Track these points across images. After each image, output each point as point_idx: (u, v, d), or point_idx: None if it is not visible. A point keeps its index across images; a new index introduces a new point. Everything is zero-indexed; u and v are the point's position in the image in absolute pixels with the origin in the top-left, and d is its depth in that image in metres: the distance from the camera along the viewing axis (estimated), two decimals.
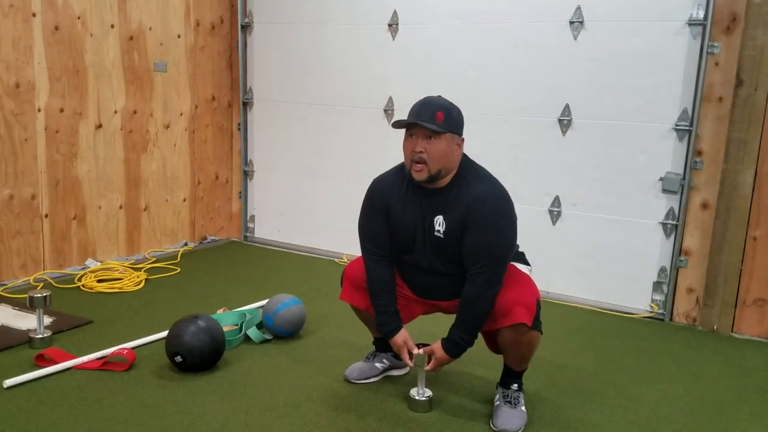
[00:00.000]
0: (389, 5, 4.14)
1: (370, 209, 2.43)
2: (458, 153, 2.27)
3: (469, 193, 2.24)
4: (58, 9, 3.63)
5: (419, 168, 2.21)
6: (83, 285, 3.65)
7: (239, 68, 4.72)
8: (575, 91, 3.68)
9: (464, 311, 2.28)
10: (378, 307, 2.43)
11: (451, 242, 2.27)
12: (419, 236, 2.33)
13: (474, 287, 2.23)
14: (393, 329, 2.42)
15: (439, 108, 2.20)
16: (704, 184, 3.45)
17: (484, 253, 2.21)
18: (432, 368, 2.37)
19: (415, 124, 2.19)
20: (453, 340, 2.30)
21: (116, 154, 4.08)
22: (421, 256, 2.36)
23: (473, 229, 2.22)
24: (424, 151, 2.19)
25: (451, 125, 2.21)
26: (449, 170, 2.26)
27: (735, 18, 3.27)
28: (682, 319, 3.59)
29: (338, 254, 4.52)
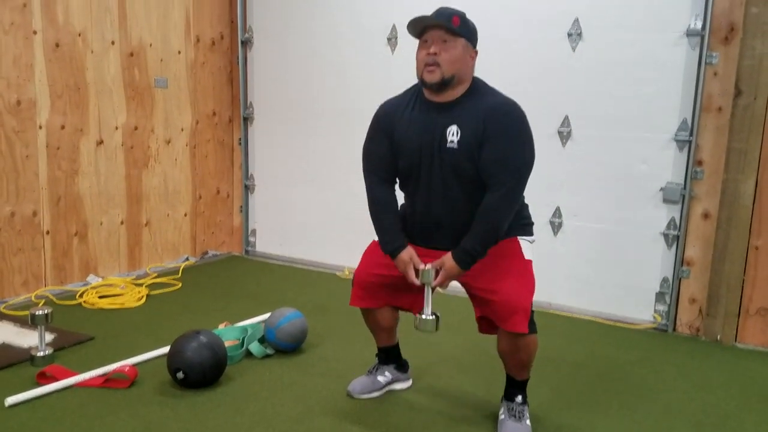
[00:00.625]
0: (388, 19, 4.16)
1: (374, 131, 2.38)
2: (471, 65, 2.24)
3: (484, 103, 2.19)
4: (58, 26, 3.65)
5: (432, 69, 2.16)
6: (85, 301, 3.65)
7: (240, 83, 4.75)
8: (574, 102, 3.69)
9: (481, 219, 2.18)
10: (381, 225, 2.35)
11: (465, 155, 2.18)
12: (427, 155, 2.24)
13: (494, 198, 2.16)
14: (398, 246, 2.31)
15: (455, 13, 2.18)
16: (705, 194, 3.45)
17: (508, 162, 2.15)
18: (440, 281, 2.23)
19: (431, 27, 2.16)
20: (465, 248, 2.19)
21: (117, 170, 4.09)
22: (425, 180, 2.27)
23: (494, 140, 2.14)
24: (438, 54, 2.15)
25: (466, 31, 2.19)
26: (462, 79, 2.21)
27: (733, 28, 3.28)
28: (685, 330, 3.58)
29: (340, 268, 4.52)
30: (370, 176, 2.39)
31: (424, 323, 2.28)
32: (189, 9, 4.41)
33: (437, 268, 2.23)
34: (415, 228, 2.39)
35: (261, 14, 4.62)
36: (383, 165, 2.35)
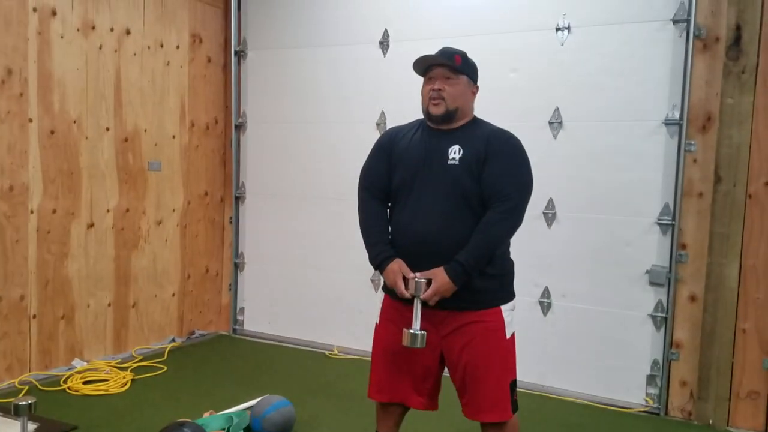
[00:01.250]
0: (377, 105, 4.28)
1: (375, 150, 2.46)
2: (472, 100, 2.36)
3: (485, 129, 2.31)
4: (54, 114, 3.73)
5: (437, 102, 2.26)
6: (69, 387, 3.59)
7: (232, 165, 4.83)
8: (558, 186, 3.77)
9: (480, 233, 2.19)
10: (370, 238, 2.35)
11: (466, 170, 2.22)
12: (424, 168, 2.27)
13: (496, 213, 2.19)
14: (387, 257, 2.28)
15: (457, 53, 2.30)
16: (690, 277, 3.49)
17: (512, 177, 2.22)
18: (430, 295, 2.17)
19: (435, 65, 2.27)
20: (459, 261, 2.17)
21: (107, 252, 4.10)
22: (418, 193, 2.27)
23: (498, 157, 2.22)
24: (442, 89, 2.25)
25: (468, 69, 2.32)
26: (464, 113, 2.31)
27: (710, 117, 3.40)
28: (677, 413, 3.54)
29: (329, 346, 4.48)
30: (364, 191, 2.44)
31: (412, 338, 2.21)
32: (184, 95, 4.53)
33: (428, 280, 2.19)
34: (402, 251, 2.32)
35: (254, 100, 4.76)
36: (379, 183, 2.40)
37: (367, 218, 2.41)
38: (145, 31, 4.22)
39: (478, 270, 2.20)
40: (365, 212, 2.42)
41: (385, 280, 2.30)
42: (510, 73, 3.85)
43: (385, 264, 2.28)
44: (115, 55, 4.05)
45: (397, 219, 2.36)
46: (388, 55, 4.23)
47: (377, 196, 2.40)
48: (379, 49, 4.25)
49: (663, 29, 3.48)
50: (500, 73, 3.85)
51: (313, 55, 4.49)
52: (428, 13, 4.09)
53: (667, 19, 3.47)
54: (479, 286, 2.23)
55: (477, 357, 2.25)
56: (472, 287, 2.22)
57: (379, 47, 4.25)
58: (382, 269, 2.29)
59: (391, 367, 2.38)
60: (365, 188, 2.44)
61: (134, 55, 4.16)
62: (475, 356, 2.25)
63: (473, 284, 2.22)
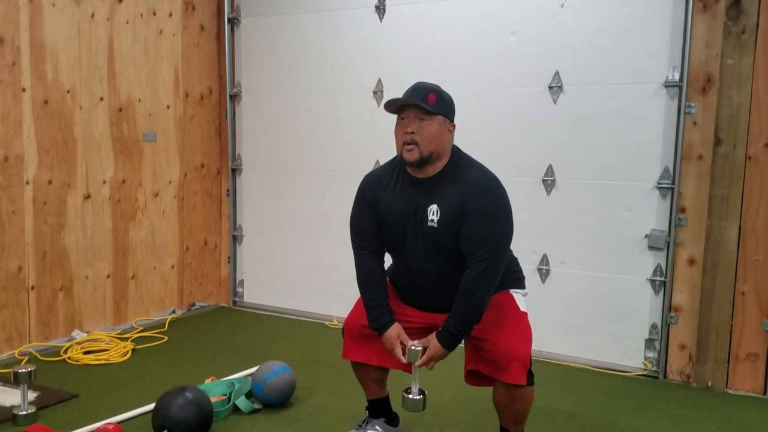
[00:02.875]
0: (374, 73, 4.23)
1: (359, 203, 2.42)
2: (449, 139, 2.28)
3: (463, 180, 2.23)
4: (47, 84, 3.69)
5: (410, 148, 2.20)
6: (69, 357, 3.59)
7: (228, 136, 4.79)
8: (557, 153, 3.75)
9: (462, 299, 2.21)
10: (369, 301, 2.37)
11: (445, 232, 2.23)
12: (410, 229, 2.29)
13: (474, 274, 2.18)
14: (385, 323, 2.33)
15: (431, 90, 2.22)
16: (690, 240, 3.49)
17: (485, 239, 2.18)
18: (424, 362, 2.26)
19: (408, 105, 2.20)
20: (448, 329, 2.22)
21: (104, 224, 4.08)
22: (411, 251, 2.31)
23: (472, 217, 2.19)
24: (416, 132, 2.19)
25: (442, 108, 2.23)
26: (441, 155, 2.25)
27: (710, 79, 3.37)
28: (676, 377, 3.56)
29: (329, 317, 4.49)
30: (357, 249, 2.42)
31: (411, 403, 2.33)
32: (178, 65, 4.48)
33: (424, 347, 2.26)
34: (404, 288, 2.43)
35: (249, 70, 4.70)
36: (370, 238, 2.39)
37: (364, 280, 2.41)
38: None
39: (469, 330, 2.24)
40: (361, 272, 2.42)
41: (384, 344, 2.36)
42: (509, 37, 3.80)
43: (383, 330, 2.33)
44: (108, 23, 3.99)
45: (395, 262, 2.45)
46: (384, 21, 4.17)
47: (372, 252, 2.41)
48: (375, 13, 4.19)
49: None
50: (499, 36, 3.81)
51: (308, 22, 4.43)
52: None
53: None
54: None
55: (493, 320, 2.26)
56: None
57: (375, 12, 4.19)
58: (380, 333, 2.35)
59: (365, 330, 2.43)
60: (358, 245, 2.43)
61: (127, 23, 4.10)
62: (490, 320, 2.26)
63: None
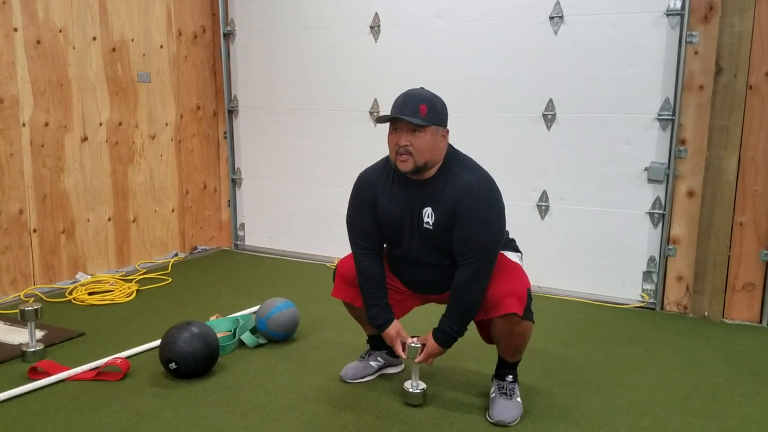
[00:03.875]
0: (370, 7, 4.16)
1: (356, 203, 2.44)
2: (443, 145, 2.28)
3: (456, 184, 2.25)
4: (39, 23, 3.62)
5: (404, 158, 2.22)
6: (74, 298, 3.64)
7: (223, 77, 4.73)
8: (558, 86, 3.71)
9: (455, 301, 2.29)
10: (368, 300, 2.43)
11: (441, 234, 2.28)
12: (407, 229, 2.34)
13: (464, 277, 2.24)
14: (385, 322, 2.41)
15: (423, 101, 2.20)
16: (689, 172, 3.49)
17: (474, 243, 2.22)
18: (422, 359, 2.36)
19: (399, 119, 2.19)
20: (443, 329, 2.31)
21: (103, 167, 4.07)
22: (409, 249, 2.37)
23: (462, 220, 2.23)
24: (409, 144, 2.20)
25: (435, 118, 2.22)
26: (435, 162, 2.27)
27: (712, 7, 3.31)
28: (673, 308, 3.61)
29: (330, 258, 4.52)
30: (356, 248, 2.45)
31: (411, 396, 2.42)
32: (170, 3, 4.38)
33: (423, 343, 2.35)
34: (404, 279, 2.49)
35: (242, 6, 4.60)
36: (369, 237, 2.42)
37: (364, 279, 2.43)
38: None
39: (465, 329, 2.31)
40: (361, 272, 2.44)
41: (385, 341, 2.46)
42: None
43: (383, 328, 2.41)
44: None
45: (395, 264, 2.48)
46: None
47: (371, 251, 2.42)
48: None
49: None
50: None
51: None
52: None
53: None
54: None
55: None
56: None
57: None
58: (380, 331, 2.44)
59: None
60: (357, 245, 2.44)
61: None
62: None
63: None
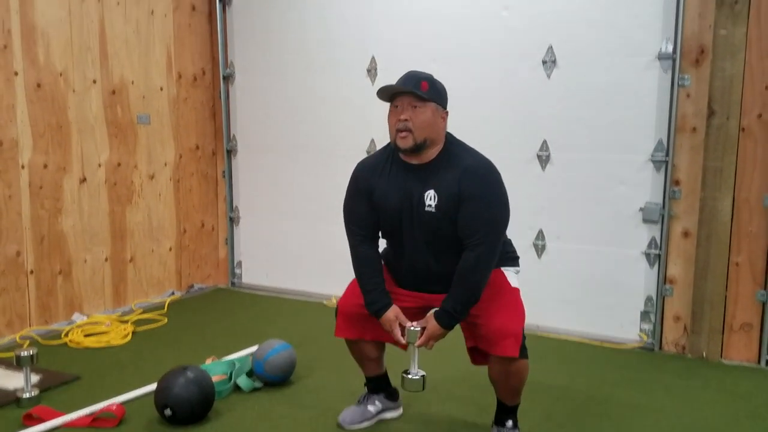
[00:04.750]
0: (367, 51, 4.22)
1: (353, 191, 2.43)
2: (443, 126, 2.30)
3: (458, 166, 2.25)
4: (40, 67, 3.67)
5: (404, 135, 2.22)
6: (70, 340, 3.61)
7: (222, 117, 4.78)
8: (552, 127, 3.75)
9: (460, 281, 2.23)
10: (365, 285, 2.38)
11: (443, 217, 2.25)
12: (406, 216, 2.30)
13: (472, 257, 2.21)
14: (383, 306, 2.35)
15: (424, 78, 2.24)
16: (684, 212, 3.51)
17: (483, 222, 2.21)
18: (423, 342, 2.28)
19: (401, 93, 2.22)
20: (446, 309, 2.25)
21: (101, 207, 4.09)
22: (408, 238, 2.33)
23: (470, 200, 2.21)
24: (409, 120, 2.21)
25: (435, 95, 2.25)
26: (434, 142, 2.27)
27: (703, 50, 3.37)
28: (671, 348, 3.60)
29: (327, 296, 4.51)
30: (352, 236, 2.43)
31: (411, 383, 2.35)
32: (170, 46, 4.45)
33: (422, 327, 2.29)
34: (399, 271, 2.44)
35: (242, 50, 4.67)
36: (364, 224, 2.40)
37: (360, 265, 2.41)
38: None
39: (467, 311, 2.25)
40: (357, 258, 2.42)
41: (383, 327, 2.37)
42: (502, 11, 3.78)
43: (381, 312, 2.34)
44: (99, 4, 3.95)
45: (392, 251, 2.45)
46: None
47: (367, 237, 2.41)
48: None
49: None
50: (492, 11, 3.79)
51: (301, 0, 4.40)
52: None
53: None
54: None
55: (485, 297, 2.27)
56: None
57: None
58: (378, 317, 2.36)
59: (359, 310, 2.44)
60: (352, 232, 2.43)
61: (117, 4, 4.06)
62: (483, 297, 2.27)
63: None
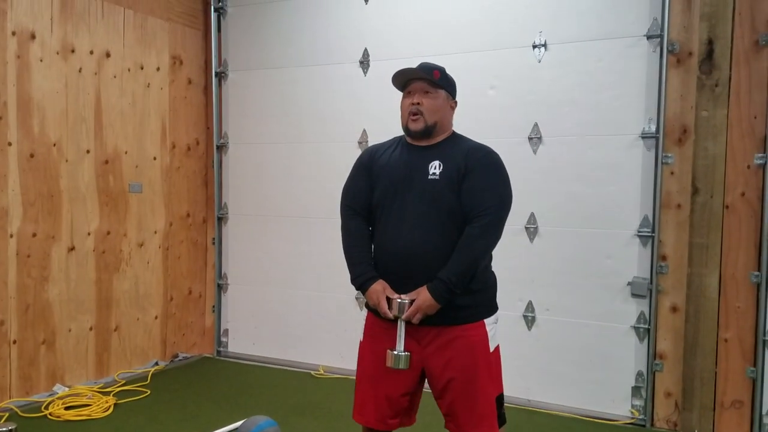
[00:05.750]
0: (358, 124, 4.30)
1: (355, 168, 2.46)
2: (451, 115, 2.38)
3: (464, 145, 2.32)
4: (34, 137, 3.71)
5: (416, 118, 2.29)
6: (50, 413, 3.53)
7: (214, 186, 4.82)
8: (539, 201, 3.81)
9: (460, 252, 2.19)
10: (353, 258, 2.34)
11: (446, 186, 2.22)
12: (405, 184, 2.28)
13: (476, 227, 2.19)
14: (370, 278, 2.28)
15: (436, 68, 2.33)
16: (671, 287, 3.53)
17: (491, 192, 2.22)
18: (411, 313, 2.18)
19: (414, 80, 2.30)
20: (441, 279, 2.17)
21: (88, 275, 4.06)
22: (400, 209, 2.27)
23: (477, 171, 2.23)
24: (421, 104, 2.28)
25: (446, 83, 2.34)
26: (443, 128, 2.33)
27: (686, 130, 3.46)
28: (663, 424, 3.56)
29: (315, 366, 4.45)
30: (346, 210, 2.43)
31: (396, 359, 2.22)
32: (165, 117, 4.52)
33: (411, 299, 2.20)
34: (387, 271, 2.32)
35: (236, 121, 4.76)
36: (360, 200, 2.40)
37: (349, 237, 2.39)
38: (125, 54, 4.23)
39: (462, 286, 2.19)
40: (347, 231, 2.40)
41: (368, 301, 2.30)
42: (488, 90, 3.90)
43: (367, 285, 2.28)
44: (95, 77, 4.04)
45: (380, 236, 2.35)
46: (368, 74, 4.26)
47: (360, 213, 2.39)
48: (360, 68, 4.29)
49: (637, 45, 3.55)
50: (479, 90, 3.90)
51: (294, 75, 4.52)
52: (406, 30, 4.14)
53: (641, 35, 3.54)
54: (461, 302, 2.23)
55: (461, 372, 2.24)
56: (455, 303, 2.22)
57: (360, 66, 4.28)
58: (364, 290, 2.29)
59: (375, 387, 2.36)
60: (347, 206, 2.43)
61: (114, 77, 4.15)
62: (459, 372, 2.24)
63: (455, 300, 2.22)
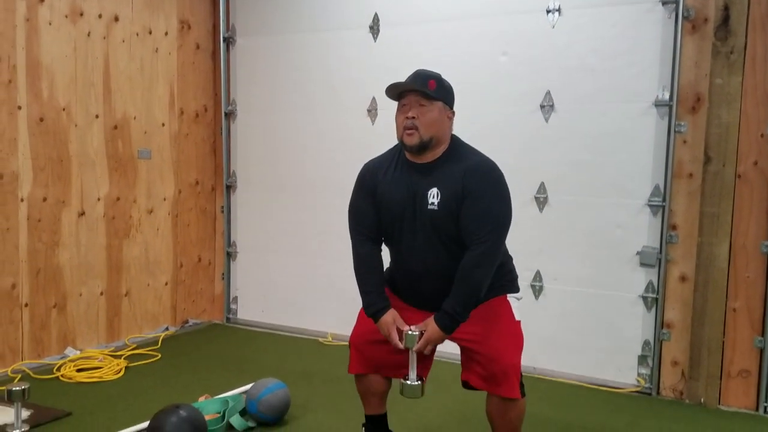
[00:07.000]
0: (368, 92, 4.27)
1: (358, 189, 2.44)
2: (449, 126, 2.31)
3: (462, 165, 2.25)
4: (43, 101, 3.71)
5: (411, 132, 2.24)
6: (62, 375, 3.58)
7: (223, 153, 4.81)
8: (549, 170, 3.78)
9: (462, 280, 2.21)
10: (364, 286, 2.37)
11: (445, 215, 2.23)
12: (408, 213, 2.29)
13: (474, 255, 2.19)
14: (381, 308, 2.32)
15: (431, 77, 2.27)
16: (681, 257, 3.52)
17: (487, 218, 2.20)
18: (422, 346, 2.23)
19: (409, 91, 2.25)
20: (446, 311, 2.21)
21: (98, 241, 4.09)
22: (409, 239, 2.30)
23: (473, 196, 2.20)
24: (416, 117, 2.23)
25: (442, 94, 2.27)
26: (440, 141, 2.28)
27: (699, 98, 3.42)
28: (669, 393, 3.57)
29: (323, 333, 4.49)
30: (355, 235, 2.43)
31: (409, 389, 2.27)
32: (173, 83, 4.51)
33: (421, 331, 2.24)
34: (403, 286, 2.41)
35: (244, 88, 4.74)
36: (368, 223, 2.39)
37: (360, 264, 2.41)
38: (134, 18, 4.20)
39: (468, 313, 2.22)
40: (358, 256, 2.42)
41: (380, 331, 2.33)
42: (500, 57, 3.85)
43: (379, 315, 2.32)
44: (104, 42, 4.02)
45: (393, 256, 2.42)
46: (378, 40, 4.22)
47: (369, 237, 2.40)
48: (370, 33, 4.24)
49: (652, 11, 3.49)
50: (491, 57, 3.86)
51: (303, 41, 4.48)
52: None
53: (656, 0, 3.48)
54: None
55: (488, 328, 2.27)
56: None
57: (370, 32, 4.23)
58: (375, 320, 2.33)
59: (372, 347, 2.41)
60: (356, 230, 2.44)
61: (122, 41, 4.13)
62: (486, 328, 2.26)
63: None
